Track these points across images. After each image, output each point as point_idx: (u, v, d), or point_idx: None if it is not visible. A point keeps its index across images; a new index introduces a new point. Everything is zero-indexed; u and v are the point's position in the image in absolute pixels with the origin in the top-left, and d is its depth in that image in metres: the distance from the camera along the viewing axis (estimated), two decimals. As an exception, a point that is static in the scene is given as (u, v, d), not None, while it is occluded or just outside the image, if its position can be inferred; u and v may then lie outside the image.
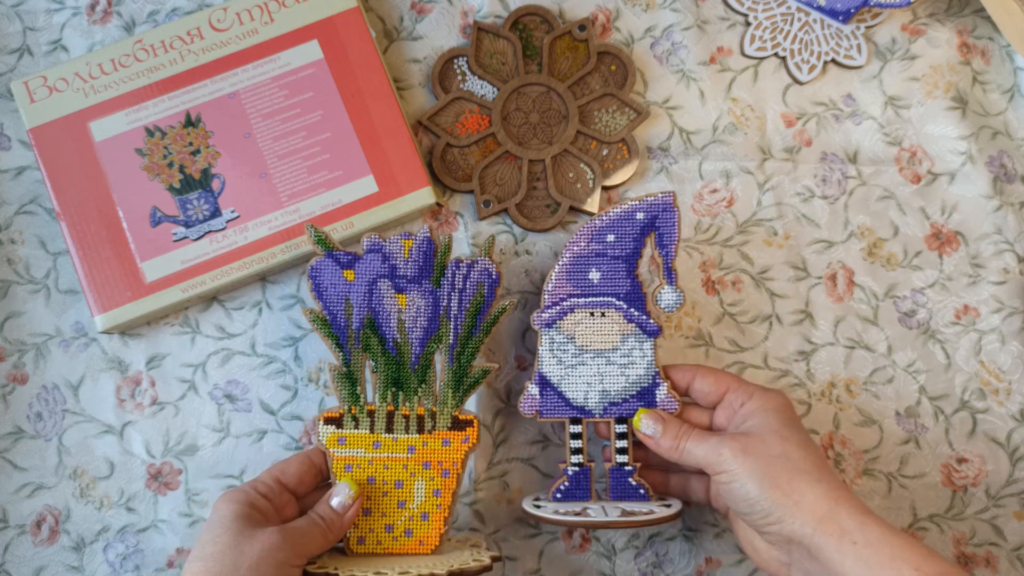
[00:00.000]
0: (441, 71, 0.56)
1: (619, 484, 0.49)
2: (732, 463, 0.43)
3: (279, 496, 0.46)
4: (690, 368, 0.49)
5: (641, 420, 0.47)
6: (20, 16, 0.56)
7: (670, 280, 0.48)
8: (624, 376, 0.48)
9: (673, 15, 0.57)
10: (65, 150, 0.53)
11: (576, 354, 0.48)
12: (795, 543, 0.42)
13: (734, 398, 0.47)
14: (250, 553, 0.41)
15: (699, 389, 0.48)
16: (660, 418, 0.47)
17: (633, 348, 0.48)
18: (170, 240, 0.52)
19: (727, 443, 0.44)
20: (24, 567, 0.52)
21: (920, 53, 0.58)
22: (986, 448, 0.54)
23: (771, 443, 0.44)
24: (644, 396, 0.48)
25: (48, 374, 0.53)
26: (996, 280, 0.56)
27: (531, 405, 0.48)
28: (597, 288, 0.48)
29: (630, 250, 0.48)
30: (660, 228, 0.48)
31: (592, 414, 0.48)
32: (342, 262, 0.47)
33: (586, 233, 0.48)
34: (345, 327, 0.47)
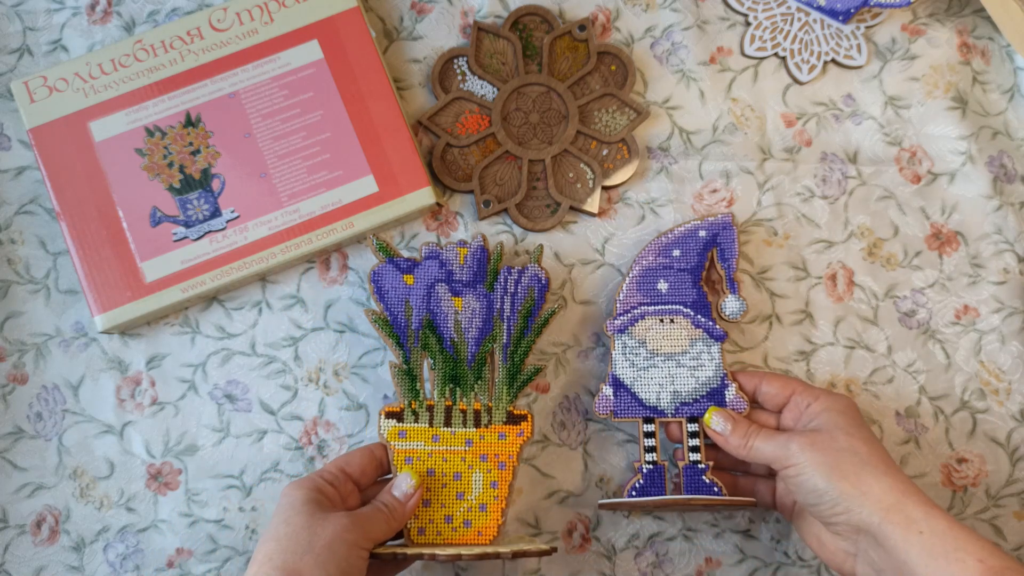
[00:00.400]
0: (441, 71, 0.56)
1: (693, 481, 0.50)
2: (800, 456, 0.45)
3: (343, 485, 0.47)
4: (756, 374, 0.51)
5: (712, 417, 0.49)
6: (20, 16, 0.56)
7: (733, 290, 0.52)
8: (694, 378, 0.51)
9: (673, 15, 0.57)
10: (65, 150, 0.53)
11: (648, 357, 0.51)
12: (862, 532, 0.43)
13: (800, 400, 0.48)
14: (323, 534, 0.42)
15: (766, 392, 0.50)
16: (729, 416, 0.49)
17: (701, 352, 0.51)
18: (170, 240, 0.52)
19: (795, 438, 0.46)
20: (24, 567, 0.52)
21: (920, 53, 0.58)
22: (986, 448, 0.54)
23: (838, 438, 0.45)
24: (714, 396, 0.51)
25: (48, 374, 0.53)
26: (996, 280, 0.56)
27: (606, 406, 0.51)
28: (666, 297, 0.52)
29: (694, 263, 0.52)
30: (721, 244, 0.52)
31: (664, 414, 0.51)
32: (402, 267, 0.50)
33: (654, 248, 0.52)
34: (405, 327, 0.50)
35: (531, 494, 0.53)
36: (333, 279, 0.54)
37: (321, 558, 0.42)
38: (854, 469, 0.44)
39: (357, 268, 0.54)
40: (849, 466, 0.44)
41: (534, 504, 0.53)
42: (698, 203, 0.56)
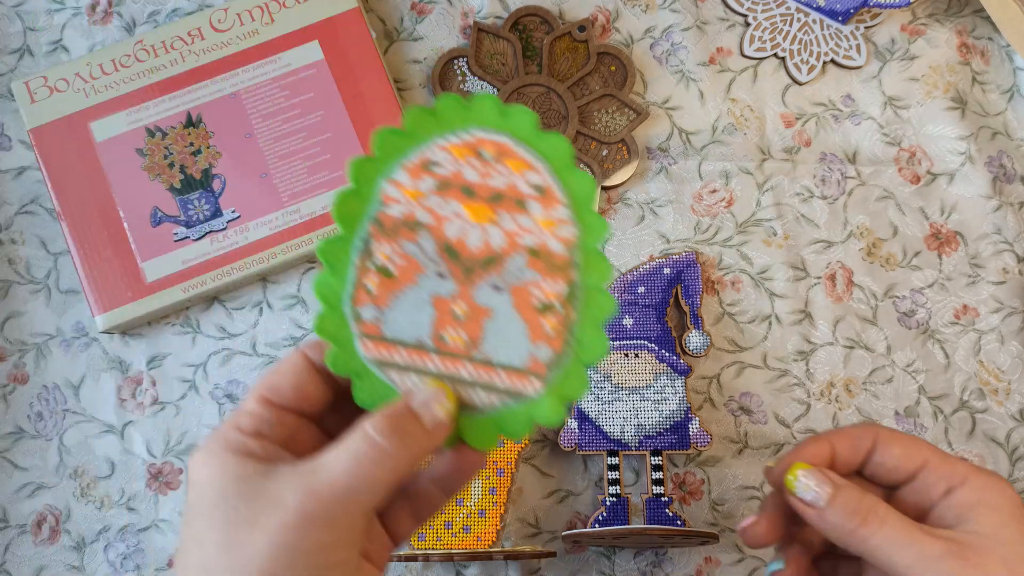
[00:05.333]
0: (441, 72, 0.56)
1: (655, 514, 0.50)
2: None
3: (277, 426, 0.30)
4: (865, 430, 0.36)
5: (799, 479, 0.34)
6: (21, 16, 0.56)
7: (696, 326, 0.52)
8: (658, 411, 0.51)
9: (673, 16, 0.58)
10: (66, 150, 0.53)
11: (612, 391, 0.52)
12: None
13: (933, 479, 0.34)
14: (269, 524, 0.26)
15: (880, 462, 0.35)
16: (828, 480, 0.34)
17: (665, 386, 0.52)
18: (171, 240, 0.52)
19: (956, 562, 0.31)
20: (25, 567, 0.52)
21: (919, 53, 0.58)
22: (985, 448, 0.54)
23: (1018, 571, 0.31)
24: (677, 430, 0.51)
25: (49, 374, 0.53)
26: (995, 280, 0.56)
27: (571, 439, 0.51)
28: (631, 332, 0.53)
29: (659, 299, 0.53)
30: (685, 281, 0.54)
31: (629, 447, 0.51)
32: None
33: (619, 285, 0.54)
34: None
35: (531, 494, 0.53)
36: (333, 279, 0.55)
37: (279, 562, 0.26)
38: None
39: (357, 268, 0.55)
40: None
41: (534, 504, 0.53)
42: (697, 203, 0.56)
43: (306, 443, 0.31)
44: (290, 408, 0.31)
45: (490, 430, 0.32)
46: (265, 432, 0.30)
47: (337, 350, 0.31)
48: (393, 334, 0.32)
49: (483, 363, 0.32)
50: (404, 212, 0.32)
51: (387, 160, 0.32)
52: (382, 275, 0.32)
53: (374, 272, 0.32)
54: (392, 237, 0.32)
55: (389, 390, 0.31)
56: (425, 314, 0.32)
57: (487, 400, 0.32)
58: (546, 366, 0.32)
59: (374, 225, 0.32)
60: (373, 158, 0.32)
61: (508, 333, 0.32)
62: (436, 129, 0.32)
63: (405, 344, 0.32)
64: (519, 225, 0.32)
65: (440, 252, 0.32)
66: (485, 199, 0.32)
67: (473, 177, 0.32)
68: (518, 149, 0.32)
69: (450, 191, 0.32)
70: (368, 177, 0.32)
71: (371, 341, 0.32)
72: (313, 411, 0.32)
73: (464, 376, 0.32)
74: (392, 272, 0.32)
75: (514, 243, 0.32)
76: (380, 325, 0.32)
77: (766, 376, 0.54)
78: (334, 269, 0.32)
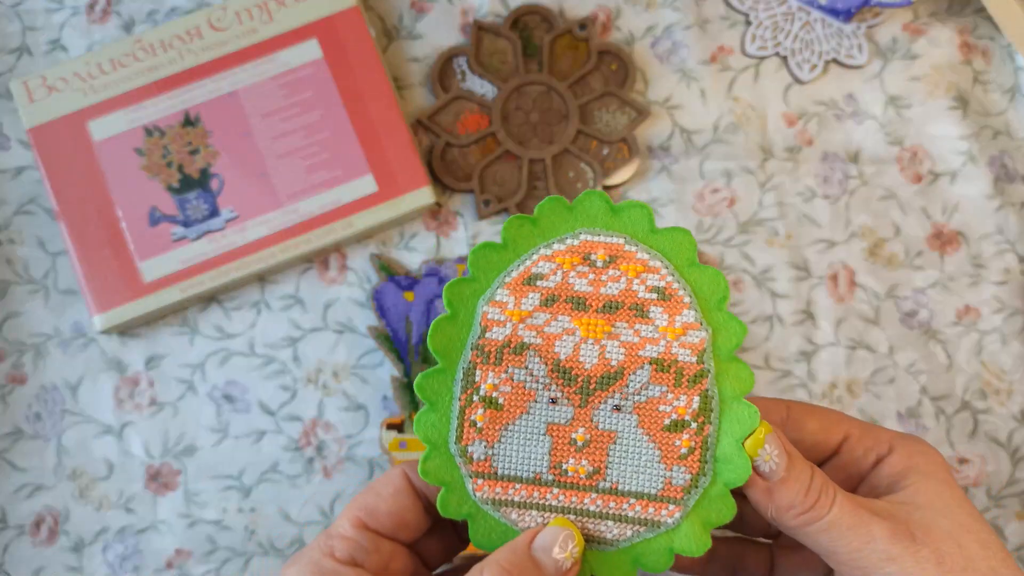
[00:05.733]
0: (441, 70, 0.56)
1: None
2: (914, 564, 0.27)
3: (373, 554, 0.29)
4: (775, 404, 0.33)
5: (765, 444, 0.29)
6: (19, 16, 0.56)
7: None
8: None
9: (674, 14, 0.57)
10: (64, 150, 0.52)
11: None
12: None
13: (860, 452, 0.32)
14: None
15: (795, 438, 0.32)
16: (783, 450, 0.29)
17: None
18: (169, 240, 0.52)
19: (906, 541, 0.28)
20: (23, 568, 0.51)
21: (921, 53, 0.58)
22: (987, 448, 0.54)
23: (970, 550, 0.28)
24: None
25: (47, 374, 0.53)
26: (997, 280, 0.56)
27: None
28: None
29: None
30: None
31: None
32: (403, 285, 0.51)
33: None
34: (405, 342, 0.50)
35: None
36: (332, 279, 0.54)
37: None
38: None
39: (356, 268, 0.54)
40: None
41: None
42: (699, 203, 0.56)
43: (401, 572, 0.29)
44: (386, 535, 0.29)
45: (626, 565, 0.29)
46: (361, 560, 0.28)
47: (447, 494, 0.29)
48: (507, 470, 0.29)
49: (611, 493, 0.29)
50: (508, 335, 0.29)
51: (485, 279, 0.29)
52: (489, 407, 0.29)
53: (480, 405, 0.29)
54: (497, 364, 0.29)
55: (509, 530, 0.29)
56: (541, 445, 0.29)
57: (619, 533, 0.29)
58: (683, 490, 0.29)
59: (476, 353, 0.29)
60: (469, 279, 0.29)
61: (637, 457, 0.29)
62: (538, 237, 0.29)
63: (521, 479, 0.29)
64: (639, 335, 0.29)
65: (551, 374, 0.29)
66: (598, 310, 0.29)
67: (583, 287, 0.29)
68: (633, 249, 0.29)
69: (558, 305, 0.29)
70: (465, 300, 0.29)
71: (483, 480, 0.29)
72: (409, 538, 0.30)
73: (591, 508, 0.29)
74: (500, 403, 0.29)
75: (635, 356, 0.29)
76: (491, 462, 0.29)
77: (768, 377, 0.54)
78: (435, 406, 0.29)
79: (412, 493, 0.30)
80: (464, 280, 0.30)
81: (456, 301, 0.30)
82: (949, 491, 0.30)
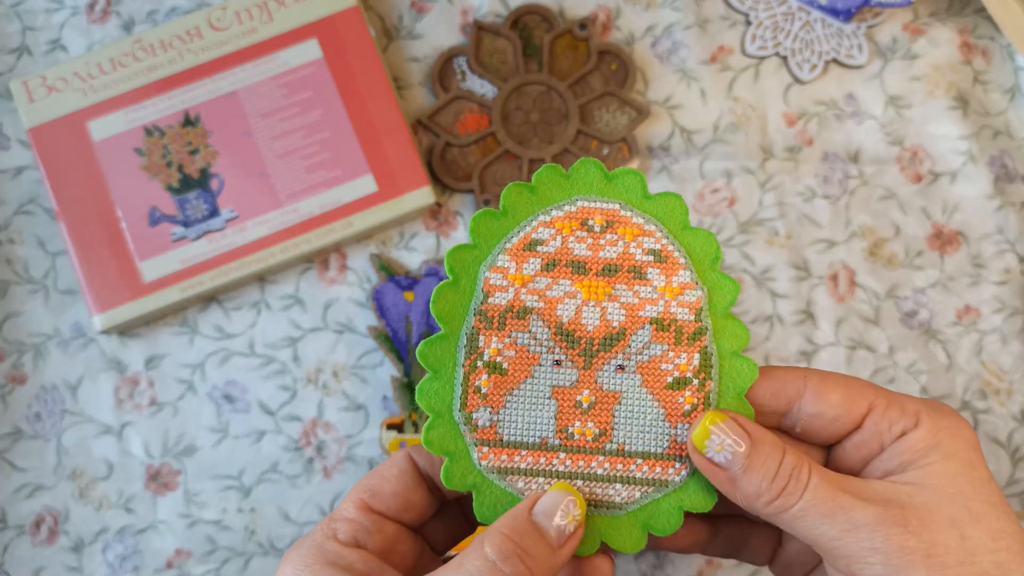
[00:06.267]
0: (441, 70, 0.56)
1: None
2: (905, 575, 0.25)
3: (377, 535, 0.28)
4: (793, 372, 0.30)
5: (711, 433, 0.28)
6: (19, 16, 0.56)
7: None
8: None
9: (674, 14, 0.57)
10: (64, 150, 0.52)
11: None
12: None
13: (884, 425, 0.28)
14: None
15: (814, 411, 0.29)
16: (744, 432, 0.28)
17: None
18: (168, 240, 0.52)
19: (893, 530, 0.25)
20: (23, 568, 0.51)
21: (921, 53, 0.58)
22: (987, 448, 0.54)
23: (976, 542, 0.25)
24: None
25: (47, 374, 0.53)
26: (997, 280, 0.56)
27: None
28: None
29: None
30: None
31: None
32: (402, 285, 0.51)
33: None
34: (405, 342, 0.50)
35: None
36: (332, 279, 0.54)
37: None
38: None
39: (356, 268, 0.54)
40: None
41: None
42: (699, 203, 0.56)
43: (406, 555, 0.29)
44: (391, 517, 0.29)
45: (636, 529, 0.29)
46: (364, 542, 0.27)
47: (451, 463, 0.29)
48: (512, 436, 0.29)
49: (618, 454, 0.29)
50: (511, 299, 0.29)
51: (486, 246, 0.30)
52: (493, 373, 0.29)
53: (484, 370, 0.29)
54: (500, 329, 0.29)
55: (515, 500, 0.28)
56: (546, 409, 0.29)
57: (627, 495, 0.29)
58: None
59: (479, 318, 0.29)
60: (470, 245, 0.30)
61: (642, 417, 0.29)
62: (536, 205, 0.30)
63: (527, 446, 0.29)
64: (639, 296, 0.29)
65: (555, 337, 0.29)
66: (598, 273, 0.30)
67: (582, 251, 0.30)
68: (628, 214, 0.30)
69: (559, 270, 0.29)
70: (467, 267, 0.29)
71: (489, 448, 0.29)
72: (415, 521, 0.29)
73: (598, 472, 0.29)
74: (504, 368, 0.29)
75: (635, 317, 0.29)
76: (497, 428, 0.29)
77: (767, 376, 0.54)
78: (438, 373, 0.29)
79: (417, 475, 0.29)
80: (465, 247, 0.30)
81: (458, 267, 0.30)
82: (968, 473, 0.26)
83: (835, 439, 0.30)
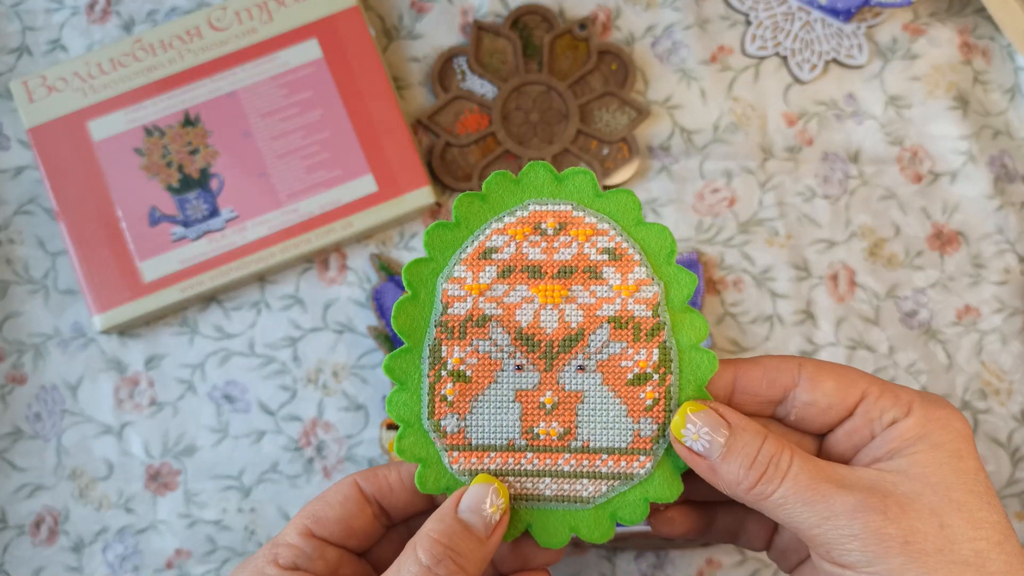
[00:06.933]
0: (441, 70, 0.56)
1: None
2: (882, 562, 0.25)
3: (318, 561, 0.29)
4: (787, 361, 0.30)
5: (687, 423, 0.28)
6: (19, 16, 0.56)
7: None
8: None
9: (674, 14, 0.57)
10: (64, 150, 0.52)
11: None
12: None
13: (875, 413, 0.28)
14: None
15: (808, 399, 0.29)
16: (722, 421, 0.28)
17: None
18: (168, 240, 0.52)
19: (873, 517, 0.25)
20: (23, 567, 0.51)
21: (921, 53, 0.58)
22: (987, 448, 0.54)
23: (955, 530, 0.25)
24: None
25: (47, 374, 0.53)
26: (997, 280, 0.56)
27: None
28: None
29: None
30: None
31: None
32: (402, 285, 0.50)
33: None
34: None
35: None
36: (332, 279, 0.54)
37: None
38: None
39: (356, 268, 0.54)
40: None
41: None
42: (699, 203, 0.56)
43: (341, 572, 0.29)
44: (333, 542, 0.29)
45: (605, 520, 0.30)
46: (303, 567, 0.28)
47: (424, 470, 0.30)
48: (480, 440, 0.30)
49: (583, 451, 0.30)
50: (469, 309, 0.30)
51: (442, 258, 0.30)
52: (458, 381, 0.30)
53: (448, 379, 0.30)
54: (461, 338, 0.30)
55: None
56: (511, 412, 0.30)
57: (594, 490, 0.30)
58: (652, 440, 0.30)
59: (440, 329, 0.30)
60: (427, 259, 0.30)
61: (604, 414, 0.30)
62: (489, 212, 0.30)
63: (495, 448, 0.30)
64: (595, 296, 0.30)
65: (515, 342, 0.30)
66: (554, 276, 0.30)
67: (537, 255, 0.30)
68: (581, 215, 0.30)
69: (515, 276, 0.30)
70: (425, 280, 0.30)
71: (459, 452, 0.30)
72: (359, 546, 0.30)
73: (565, 469, 0.30)
74: (468, 376, 0.30)
75: (593, 316, 0.30)
76: (465, 433, 0.30)
77: (767, 376, 0.54)
78: (405, 385, 0.30)
79: (361, 501, 0.30)
80: (421, 260, 0.30)
81: (416, 281, 0.31)
82: (954, 463, 0.26)
83: (828, 427, 0.30)
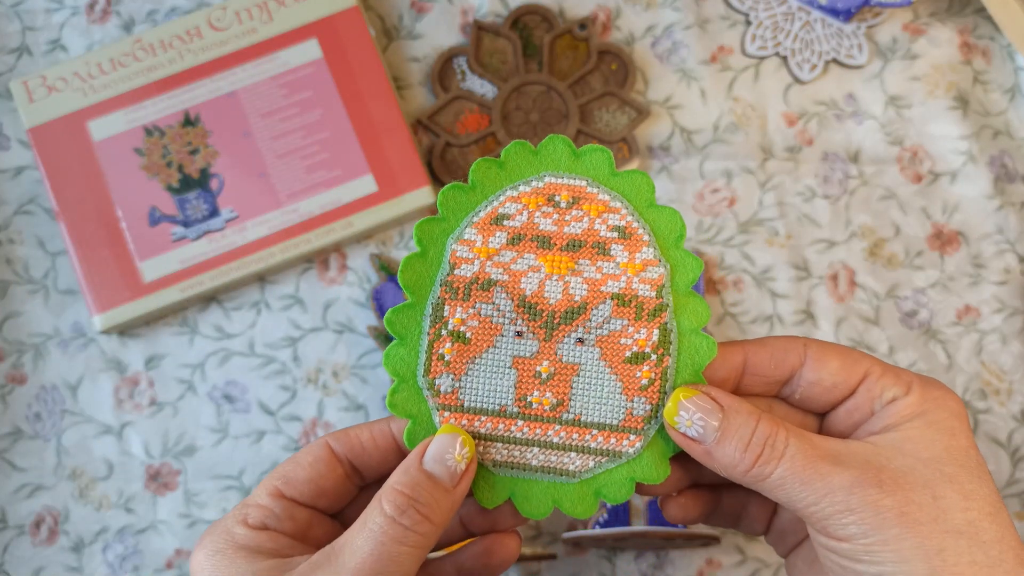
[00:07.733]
0: (441, 70, 0.56)
1: (657, 517, 0.49)
2: (878, 533, 0.25)
3: (287, 521, 0.29)
4: (792, 342, 0.30)
5: (680, 409, 0.29)
6: (19, 16, 0.56)
7: None
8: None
9: (674, 14, 0.57)
10: (64, 150, 0.52)
11: None
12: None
13: (877, 391, 0.29)
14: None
15: (813, 379, 0.30)
16: (717, 406, 0.28)
17: None
18: (168, 240, 0.52)
19: (869, 491, 0.26)
20: (23, 567, 0.51)
21: (921, 53, 0.58)
22: (987, 449, 0.54)
23: (948, 501, 0.26)
24: None
25: (47, 374, 0.53)
26: (997, 280, 0.56)
27: None
28: None
29: None
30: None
31: None
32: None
33: None
34: None
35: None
36: (332, 279, 0.54)
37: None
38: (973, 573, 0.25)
39: (356, 268, 0.54)
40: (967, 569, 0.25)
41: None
42: (699, 203, 0.56)
43: (320, 539, 0.29)
44: (303, 503, 0.29)
45: (588, 496, 0.30)
46: (273, 527, 0.28)
47: (413, 426, 0.30)
48: (473, 403, 0.30)
49: (574, 424, 0.30)
50: (476, 272, 0.30)
51: (454, 219, 0.30)
52: (457, 341, 0.30)
53: (448, 339, 0.30)
54: (465, 300, 0.30)
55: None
56: (506, 378, 0.30)
57: (581, 464, 0.30)
58: (644, 420, 0.30)
59: (445, 289, 0.30)
60: (439, 218, 0.30)
61: (599, 389, 0.30)
62: (505, 180, 0.30)
63: (487, 412, 0.30)
64: (601, 271, 0.30)
65: (517, 309, 0.30)
66: (562, 248, 0.30)
67: (548, 226, 0.30)
68: (595, 191, 0.30)
69: (524, 244, 0.30)
70: (435, 239, 0.30)
71: (450, 413, 0.30)
72: (330, 507, 0.30)
73: (554, 440, 0.30)
74: (467, 337, 0.30)
75: (597, 291, 0.30)
76: (458, 394, 0.30)
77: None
78: (404, 340, 0.30)
79: (332, 461, 0.30)
80: (434, 219, 0.30)
81: (426, 239, 0.31)
82: (946, 440, 0.27)
83: (831, 406, 0.30)
